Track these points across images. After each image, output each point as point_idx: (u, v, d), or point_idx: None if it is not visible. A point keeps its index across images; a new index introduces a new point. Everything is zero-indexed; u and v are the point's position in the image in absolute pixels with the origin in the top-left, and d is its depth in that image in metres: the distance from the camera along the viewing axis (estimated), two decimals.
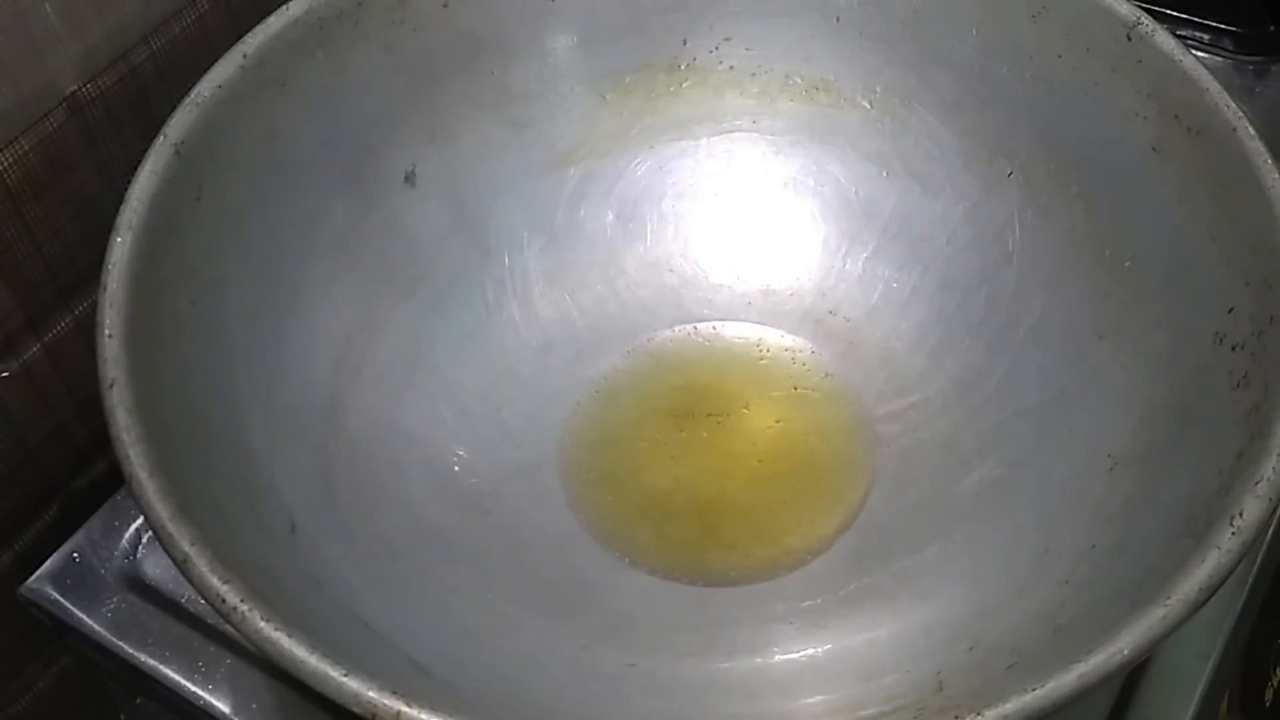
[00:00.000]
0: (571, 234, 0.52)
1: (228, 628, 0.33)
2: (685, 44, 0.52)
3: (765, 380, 0.51)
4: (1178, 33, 0.49)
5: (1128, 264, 0.45)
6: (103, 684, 0.52)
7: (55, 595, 0.47)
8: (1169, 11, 0.62)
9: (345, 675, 0.32)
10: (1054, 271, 0.47)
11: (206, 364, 0.41)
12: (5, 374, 0.47)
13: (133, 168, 0.41)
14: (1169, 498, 0.38)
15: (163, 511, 0.34)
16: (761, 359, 0.51)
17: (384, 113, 0.48)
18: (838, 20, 0.50)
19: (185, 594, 0.47)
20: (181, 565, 0.34)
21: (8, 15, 0.42)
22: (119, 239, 0.39)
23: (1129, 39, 0.44)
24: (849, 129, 0.52)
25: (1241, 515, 0.34)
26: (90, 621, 0.47)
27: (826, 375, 0.51)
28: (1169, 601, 0.33)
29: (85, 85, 0.46)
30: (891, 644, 0.42)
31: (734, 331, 0.52)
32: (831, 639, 0.43)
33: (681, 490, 0.48)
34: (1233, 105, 0.41)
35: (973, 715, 0.31)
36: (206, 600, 0.33)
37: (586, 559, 0.46)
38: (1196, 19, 0.62)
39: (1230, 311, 0.39)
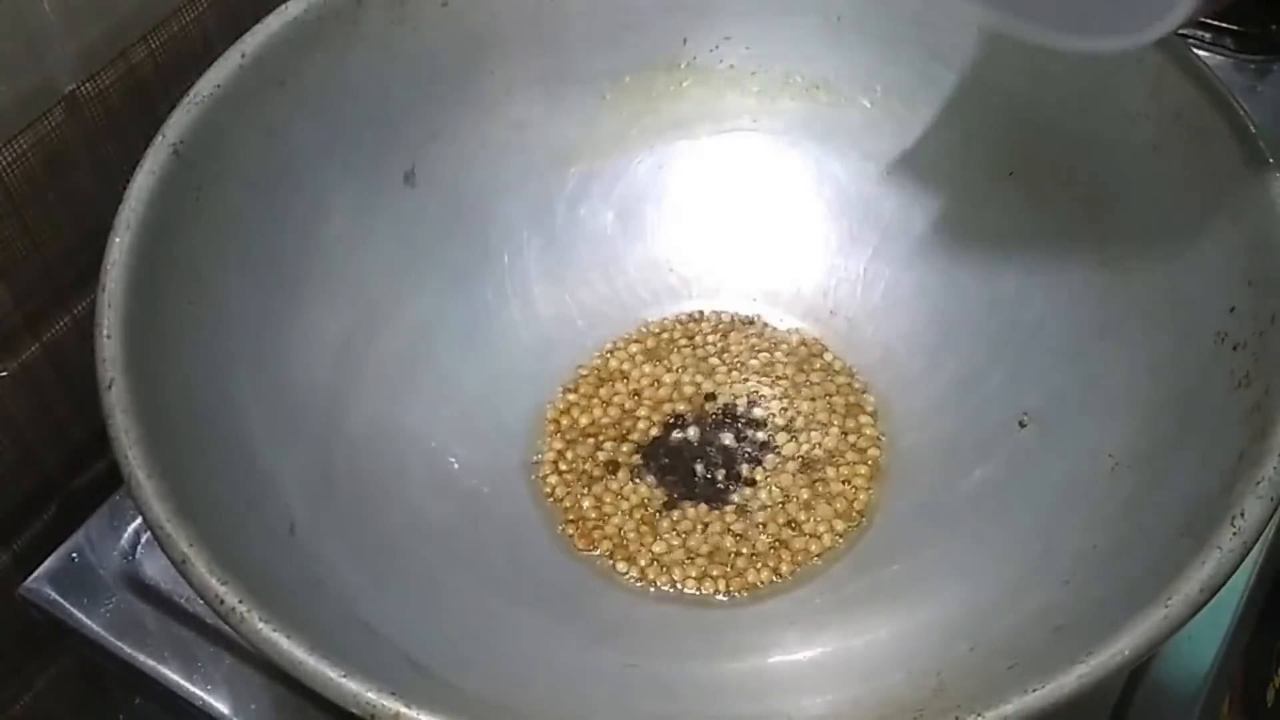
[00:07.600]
0: (572, 233, 0.52)
1: (226, 628, 0.33)
2: (685, 43, 0.52)
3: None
4: (1179, 31, 0.49)
5: (1128, 264, 0.44)
6: (102, 684, 0.52)
7: (54, 595, 0.47)
8: None
9: (344, 676, 0.32)
10: (1055, 271, 0.47)
11: (206, 364, 0.41)
12: (4, 373, 0.47)
13: (131, 167, 0.41)
14: (1170, 498, 0.38)
15: (161, 512, 0.34)
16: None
17: (384, 113, 0.48)
18: (838, 19, 0.50)
19: (184, 594, 0.47)
20: (180, 565, 0.34)
21: (6, 13, 0.42)
22: (118, 238, 0.39)
23: None
24: (850, 128, 0.52)
25: (1243, 515, 0.34)
26: (89, 622, 0.47)
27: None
28: (1170, 602, 0.33)
29: (84, 84, 0.46)
30: (892, 644, 0.42)
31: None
32: (833, 639, 0.43)
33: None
34: (1235, 104, 0.41)
35: (973, 715, 0.31)
36: (205, 600, 0.33)
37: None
38: None
39: (1231, 311, 0.39)
